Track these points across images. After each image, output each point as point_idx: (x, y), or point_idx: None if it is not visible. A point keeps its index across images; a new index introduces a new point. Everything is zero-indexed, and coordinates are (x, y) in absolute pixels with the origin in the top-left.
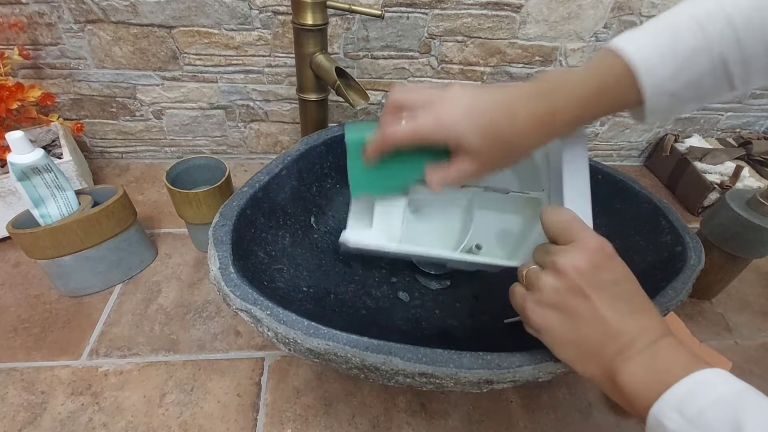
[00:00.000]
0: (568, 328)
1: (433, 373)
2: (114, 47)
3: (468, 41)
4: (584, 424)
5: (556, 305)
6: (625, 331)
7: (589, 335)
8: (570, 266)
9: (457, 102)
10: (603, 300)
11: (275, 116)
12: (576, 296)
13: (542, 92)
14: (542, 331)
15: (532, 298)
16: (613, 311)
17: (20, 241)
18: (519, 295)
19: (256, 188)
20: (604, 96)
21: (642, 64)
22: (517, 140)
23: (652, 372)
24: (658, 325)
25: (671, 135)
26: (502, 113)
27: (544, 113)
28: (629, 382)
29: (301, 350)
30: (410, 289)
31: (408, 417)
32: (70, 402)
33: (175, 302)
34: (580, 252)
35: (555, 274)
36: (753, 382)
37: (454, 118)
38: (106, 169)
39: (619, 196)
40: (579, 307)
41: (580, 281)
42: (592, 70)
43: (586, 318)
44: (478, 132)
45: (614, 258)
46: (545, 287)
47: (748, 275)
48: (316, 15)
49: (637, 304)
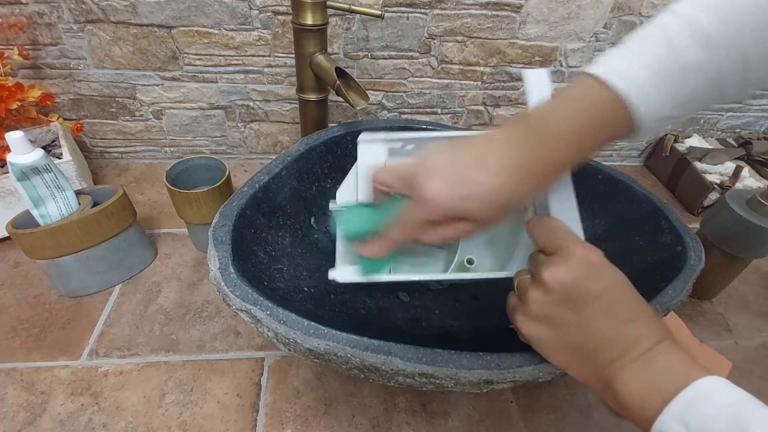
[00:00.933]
0: (556, 337)
1: (433, 373)
2: (114, 47)
3: (468, 41)
4: (584, 424)
5: (543, 318)
6: (617, 340)
7: (580, 344)
8: (552, 279)
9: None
10: (591, 310)
11: (275, 116)
12: (562, 307)
13: (531, 139)
14: (532, 341)
15: (521, 309)
16: (603, 320)
17: (20, 241)
18: (511, 305)
19: (256, 188)
20: (598, 133)
21: (635, 96)
22: (516, 198)
23: (649, 381)
24: (653, 331)
25: (671, 135)
26: (498, 175)
27: (539, 161)
28: (625, 390)
29: (301, 350)
30: (410, 289)
31: (408, 417)
32: (69, 402)
33: (175, 302)
34: (564, 263)
35: (539, 287)
36: (753, 382)
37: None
38: (106, 169)
39: (619, 196)
40: (565, 318)
41: (564, 293)
42: (580, 104)
43: (575, 329)
44: (478, 202)
45: (602, 266)
46: (531, 300)
47: (748, 275)
48: (316, 15)
49: (629, 311)
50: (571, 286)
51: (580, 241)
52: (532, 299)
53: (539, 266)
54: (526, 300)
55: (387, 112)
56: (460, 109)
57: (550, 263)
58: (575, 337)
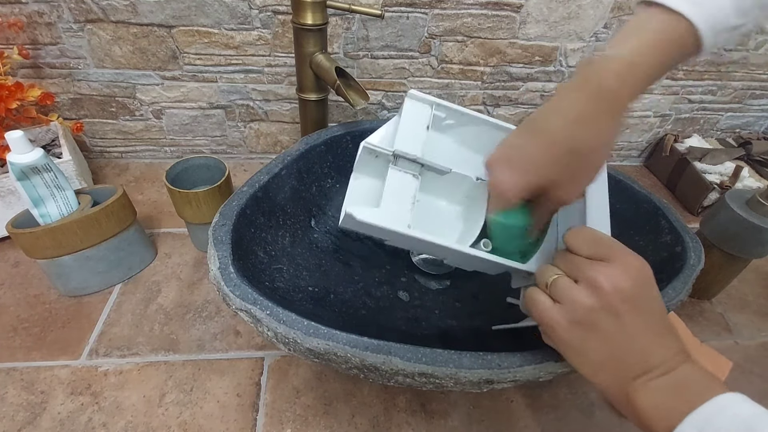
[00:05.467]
0: (593, 345)
1: (433, 373)
2: (114, 47)
3: (468, 41)
4: (586, 423)
5: (587, 323)
6: (652, 353)
7: (616, 354)
8: (611, 285)
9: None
10: (637, 322)
11: (275, 116)
12: (609, 316)
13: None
14: (562, 344)
15: (560, 311)
16: (645, 334)
17: (20, 240)
18: (544, 306)
19: (255, 188)
20: (666, 62)
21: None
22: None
23: (672, 396)
24: (681, 347)
25: (671, 135)
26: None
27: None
28: (647, 404)
29: (300, 350)
30: (410, 288)
31: (408, 417)
32: (69, 402)
33: (175, 302)
34: (624, 271)
35: (592, 291)
36: (753, 381)
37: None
38: (106, 168)
39: (619, 196)
40: (610, 327)
41: (617, 301)
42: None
43: (615, 338)
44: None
45: (652, 280)
46: (579, 303)
47: (747, 275)
48: (316, 15)
49: (664, 326)
50: (629, 294)
51: (632, 251)
52: (580, 301)
53: (591, 271)
54: (573, 302)
55: (387, 111)
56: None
57: (609, 268)
58: (613, 346)
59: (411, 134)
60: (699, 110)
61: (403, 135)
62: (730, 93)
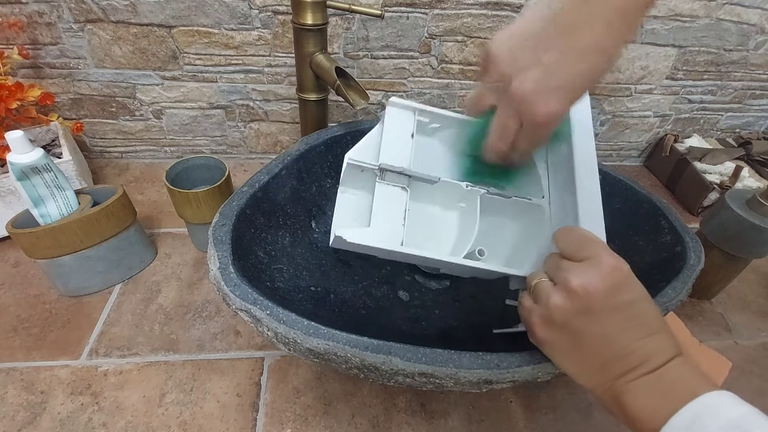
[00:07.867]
0: (572, 345)
1: (433, 373)
2: (114, 47)
3: (468, 41)
4: (583, 424)
5: (562, 325)
6: (633, 353)
7: (596, 354)
8: (581, 286)
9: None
10: (613, 322)
11: (275, 116)
12: (584, 317)
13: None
14: (545, 346)
15: (538, 313)
16: (623, 333)
17: (20, 240)
18: (526, 307)
19: (255, 188)
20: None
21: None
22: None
23: (658, 395)
24: (668, 346)
25: (671, 135)
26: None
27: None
28: (634, 403)
29: (300, 350)
30: (410, 288)
31: (408, 417)
32: (69, 402)
33: (175, 302)
34: (595, 271)
35: (565, 293)
36: (753, 381)
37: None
38: (106, 168)
39: (619, 196)
40: (586, 328)
41: (590, 302)
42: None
43: (592, 339)
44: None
45: (630, 278)
46: (553, 306)
47: (747, 275)
48: (316, 15)
49: (649, 326)
50: (601, 295)
51: (610, 251)
52: (553, 304)
53: (565, 272)
54: (547, 305)
55: None
56: (460, 108)
57: (579, 270)
58: (592, 347)
59: (396, 145)
60: (699, 110)
61: (387, 146)
62: (730, 93)
